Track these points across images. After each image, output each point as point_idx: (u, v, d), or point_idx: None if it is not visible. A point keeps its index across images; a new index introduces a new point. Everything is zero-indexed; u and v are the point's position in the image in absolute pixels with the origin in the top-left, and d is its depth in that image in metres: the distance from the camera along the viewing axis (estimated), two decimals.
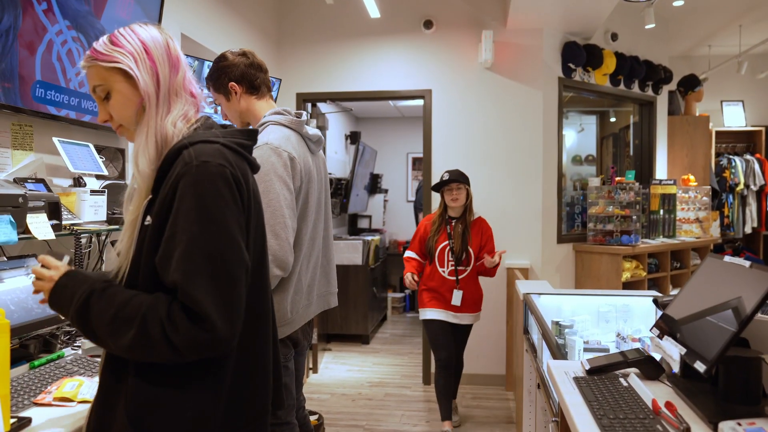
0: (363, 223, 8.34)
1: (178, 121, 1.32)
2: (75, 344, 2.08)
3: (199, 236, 1.17)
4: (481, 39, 4.81)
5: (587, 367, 1.80)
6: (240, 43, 4.31)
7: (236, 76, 2.26)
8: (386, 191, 8.47)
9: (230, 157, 1.27)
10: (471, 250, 3.84)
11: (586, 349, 2.76)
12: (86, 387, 1.64)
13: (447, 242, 3.84)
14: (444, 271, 3.85)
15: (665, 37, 6.18)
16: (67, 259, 1.36)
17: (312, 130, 2.35)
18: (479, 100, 4.99)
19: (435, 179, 5.03)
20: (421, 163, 8.88)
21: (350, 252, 6.36)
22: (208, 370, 1.24)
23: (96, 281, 1.24)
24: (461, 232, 3.83)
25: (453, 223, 3.87)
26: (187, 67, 1.39)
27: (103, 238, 2.65)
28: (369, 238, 6.73)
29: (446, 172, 3.84)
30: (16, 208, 1.81)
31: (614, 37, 5.46)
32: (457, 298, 3.81)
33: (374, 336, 6.74)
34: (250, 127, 2.22)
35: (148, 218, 1.23)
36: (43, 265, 1.30)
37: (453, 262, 3.83)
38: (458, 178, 3.78)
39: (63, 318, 1.29)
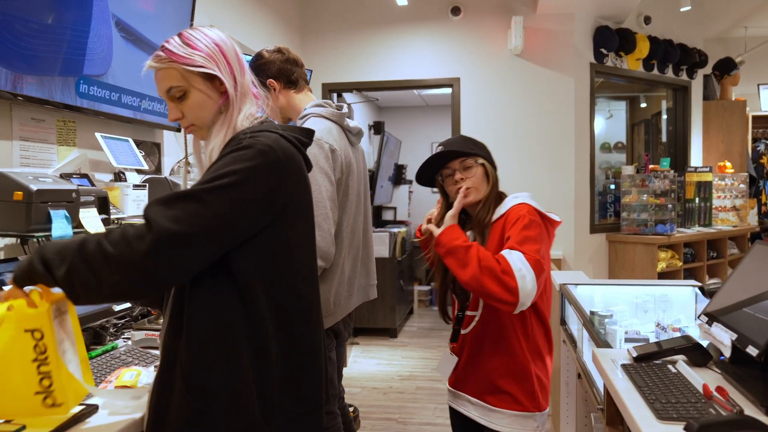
0: (388, 215, 8.41)
1: (244, 122, 1.40)
2: (124, 336, 2.18)
3: (201, 184, 1.23)
4: (511, 25, 4.84)
5: (634, 354, 1.86)
6: (264, 33, 4.41)
7: (273, 72, 2.35)
8: (411, 182, 8.53)
9: (283, 144, 1.33)
10: None
11: (626, 340, 2.82)
12: (144, 376, 1.74)
13: None
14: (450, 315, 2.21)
15: (700, 19, 6.15)
16: None
17: (352, 122, 2.42)
18: (509, 88, 5.03)
19: None
20: None
21: (377, 244, 6.45)
22: (253, 341, 1.30)
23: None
24: (476, 235, 2.01)
25: (468, 233, 2.04)
26: (248, 69, 1.46)
27: None
28: (395, 230, 6.80)
29: (438, 146, 2.08)
30: (69, 203, 1.91)
31: (647, 20, 5.46)
32: (447, 366, 2.13)
33: (402, 329, 6.82)
34: (292, 122, 2.31)
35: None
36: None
37: (458, 301, 2.13)
38: (462, 148, 2.01)
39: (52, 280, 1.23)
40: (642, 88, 7.10)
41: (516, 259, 1.78)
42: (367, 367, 5.42)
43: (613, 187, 6.14)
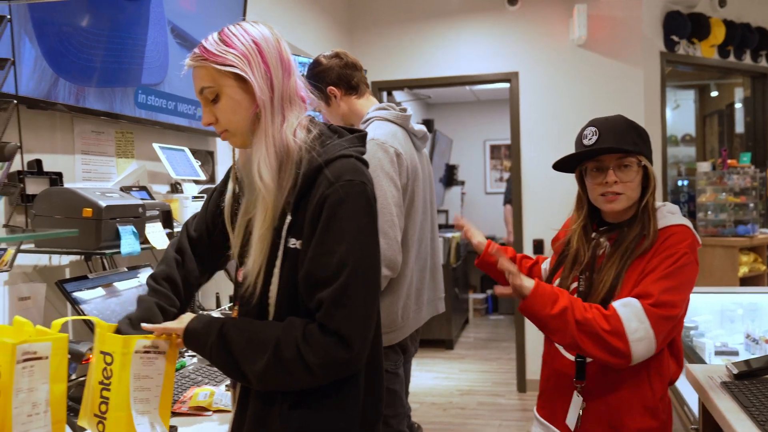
0: (439, 219, 8.40)
1: (297, 130, 1.35)
2: (189, 353, 2.25)
3: (346, 257, 1.26)
4: (573, 14, 4.80)
5: (735, 371, 1.83)
6: (312, 31, 4.47)
7: (333, 79, 2.38)
8: (463, 183, 8.52)
9: (366, 172, 1.36)
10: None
11: (715, 353, 2.77)
12: (218, 396, 1.79)
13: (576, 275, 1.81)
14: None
15: None
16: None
17: (417, 125, 2.45)
18: (572, 81, 4.99)
19: (525, 170, 5.07)
20: (501, 152, 8.91)
21: None
22: (352, 380, 1.36)
23: (225, 317, 1.37)
24: (614, 262, 1.71)
25: (599, 239, 1.80)
26: (297, 69, 1.41)
27: None
28: (449, 235, 6.80)
29: (590, 125, 1.75)
30: (136, 218, 1.98)
31: (722, 3, 5.34)
32: (573, 412, 1.76)
33: (458, 341, 6.82)
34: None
35: (293, 241, 1.32)
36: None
37: None
38: (619, 143, 1.68)
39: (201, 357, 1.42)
40: (713, 75, 6.92)
41: (632, 316, 1.55)
42: (424, 381, 5.44)
43: (685, 183, 6.01)
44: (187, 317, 1.39)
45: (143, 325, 1.38)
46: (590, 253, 1.75)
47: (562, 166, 1.82)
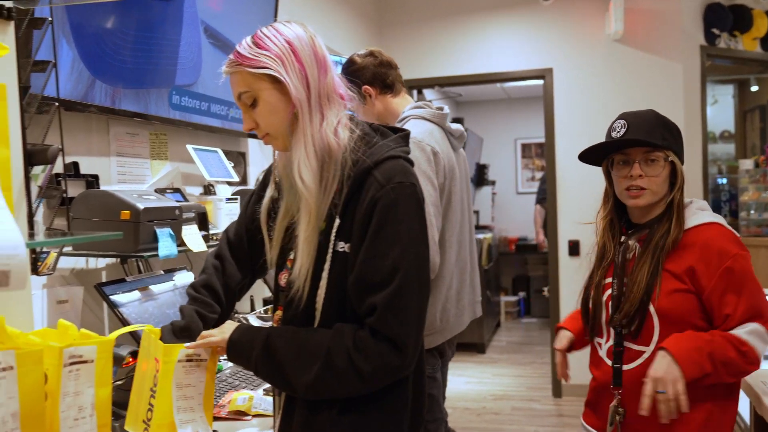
0: None
1: (338, 128, 1.35)
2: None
3: (400, 260, 1.26)
4: (609, 7, 4.75)
5: None
6: (341, 29, 4.48)
7: (368, 78, 2.39)
8: (494, 183, 8.48)
9: (414, 173, 1.37)
10: (652, 308, 1.68)
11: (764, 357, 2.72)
12: (257, 400, 1.80)
13: (611, 280, 1.79)
14: (602, 347, 1.81)
15: None
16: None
17: (454, 125, 2.44)
18: (608, 77, 4.94)
19: (560, 169, 5.02)
20: (532, 151, 8.85)
21: None
22: (401, 386, 1.36)
23: (266, 328, 1.36)
24: (645, 262, 1.70)
25: (627, 242, 1.78)
26: (334, 66, 1.41)
27: None
28: (481, 236, 6.77)
29: (619, 118, 1.77)
30: (173, 220, 2.00)
31: None
32: (611, 420, 1.75)
33: (490, 344, 6.79)
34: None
35: (342, 245, 1.32)
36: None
37: (614, 330, 1.76)
38: (646, 136, 1.68)
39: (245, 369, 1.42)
40: (753, 69, 6.80)
41: (759, 340, 1.58)
42: (456, 385, 5.42)
43: (724, 182, 5.93)
44: (228, 327, 1.38)
45: (186, 345, 1.37)
46: (620, 257, 1.75)
47: (588, 157, 1.82)
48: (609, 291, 1.76)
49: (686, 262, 1.63)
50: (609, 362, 1.73)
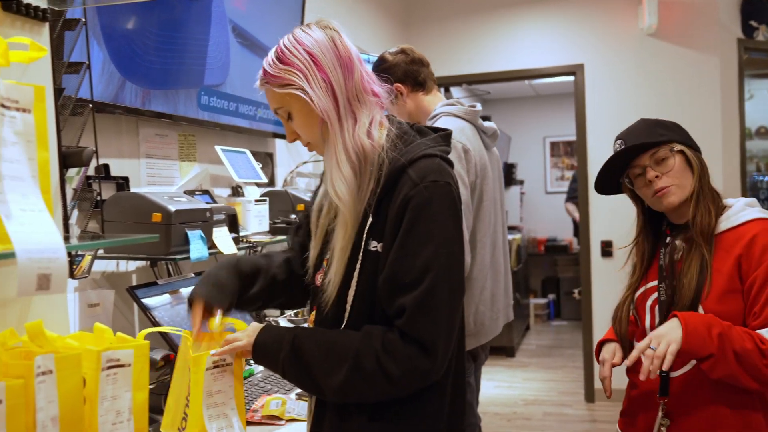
0: None
1: (371, 129, 1.35)
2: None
3: (432, 260, 1.25)
4: (642, 1, 4.70)
5: None
6: (367, 26, 4.49)
7: (399, 75, 2.39)
8: (522, 182, 8.43)
9: (451, 172, 1.35)
10: (701, 309, 1.63)
11: None
12: (290, 405, 1.81)
13: (656, 284, 1.77)
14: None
15: None
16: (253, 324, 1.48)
17: (487, 123, 2.43)
18: (641, 73, 4.89)
19: (592, 167, 4.97)
20: (561, 149, 8.78)
21: None
22: (435, 390, 1.35)
23: (293, 328, 1.36)
24: (693, 258, 1.67)
25: (674, 242, 1.75)
26: (362, 63, 1.40)
27: (260, 249, 2.86)
28: (510, 237, 6.74)
29: (616, 140, 1.79)
30: (204, 222, 2.02)
31: None
32: (655, 430, 1.70)
33: (519, 348, 6.75)
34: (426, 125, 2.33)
35: (374, 244, 1.31)
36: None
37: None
38: (648, 138, 1.71)
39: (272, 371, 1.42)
40: None
41: None
42: (486, 389, 5.39)
43: (764, 179, 5.82)
44: (253, 330, 1.38)
45: (211, 353, 1.37)
46: (667, 258, 1.73)
47: (604, 187, 1.85)
48: (654, 296, 1.73)
49: (733, 259, 1.60)
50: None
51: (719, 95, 4.77)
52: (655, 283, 1.74)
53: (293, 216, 2.68)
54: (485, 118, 2.51)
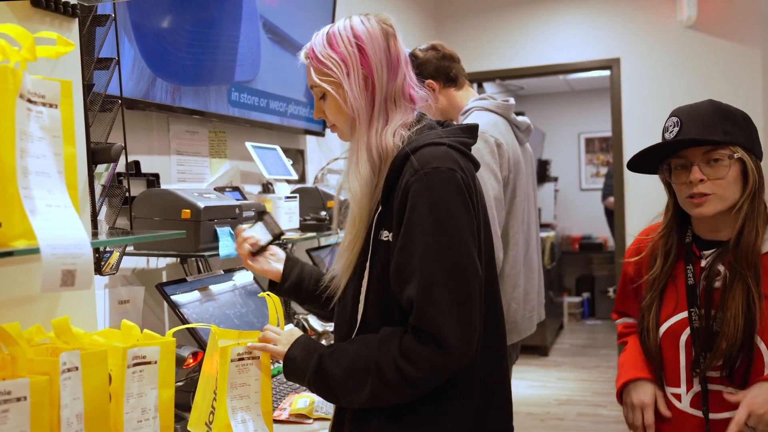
0: None
1: (400, 130, 1.34)
2: None
3: (434, 248, 1.22)
4: None
5: None
6: (398, 21, 4.45)
7: (431, 72, 2.37)
8: (556, 179, 8.33)
9: (459, 160, 1.30)
10: (761, 342, 1.43)
11: None
12: (318, 404, 1.79)
13: (686, 315, 1.51)
14: (681, 399, 1.52)
15: None
16: (290, 327, 1.48)
17: (521, 117, 2.39)
18: (680, 66, 4.78)
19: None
20: (596, 145, 8.65)
21: None
22: (455, 388, 1.31)
23: (322, 345, 1.35)
24: (739, 286, 1.44)
25: (707, 260, 1.52)
26: (408, 66, 1.39)
27: (291, 246, 2.85)
28: (543, 234, 6.67)
29: (672, 116, 1.54)
30: (233, 219, 2.01)
31: None
32: None
33: (553, 347, 6.67)
34: (461, 122, 2.30)
35: (385, 234, 1.29)
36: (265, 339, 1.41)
37: (700, 372, 1.48)
38: (702, 133, 1.45)
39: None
40: None
41: None
42: (518, 389, 5.33)
43: None
44: (288, 337, 1.38)
45: (248, 345, 1.39)
46: (703, 285, 1.48)
47: (640, 165, 1.59)
48: (687, 330, 1.48)
49: None
50: (697, 413, 1.47)
51: (761, 89, 4.64)
52: (684, 314, 1.49)
53: (323, 213, 2.66)
54: (518, 114, 2.47)
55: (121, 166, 1.81)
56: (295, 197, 2.57)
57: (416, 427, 1.30)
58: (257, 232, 1.55)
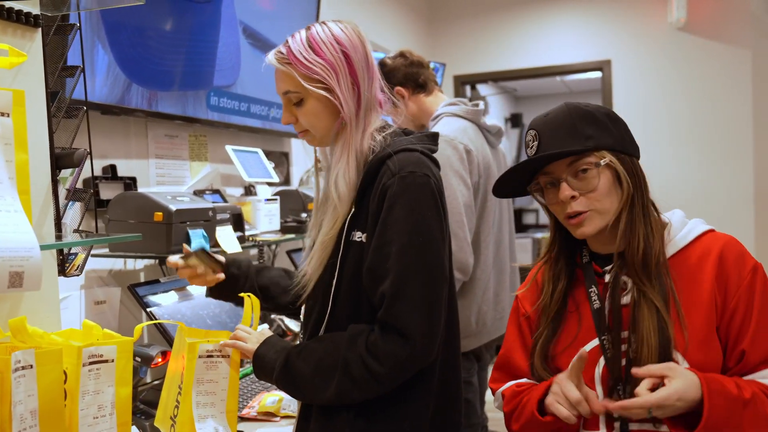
0: (529, 219, 8.28)
1: (374, 134, 1.38)
2: None
3: (409, 248, 1.26)
4: None
5: None
6: (389, 24, 4.49)
7: (399, 79, 2.40)
8: None
9: (431, 166, 1.36)
10: (681, 358, 1.20)
11: None
12: (286, 402, 1.83)
13: (597, 343, 1.27)
14: None
15: None
16: (263, 327, 1.51)
17: (490, 120, 2.42)
18: (670, 68, 4.80)
19: None
20: None
21: (518, 252, 6.36)
22: (419, 384, 1.35)
23: (291, 344, 1.38)
24: (651, 305, 1.22)
25: (610, 275, 1.30)
26: (378, 70, 1.42)
27: (274, 248, 2.90)
28: (538, 235, 6.69)
29: (529, 128, 1.34)
30: (206, 221, 2.05)
31: None
32: None
33: None
34: (426, 129, 2.33)
35: (358, 234, 1.33)
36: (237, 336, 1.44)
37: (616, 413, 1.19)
38: (560, 144, 1.27)
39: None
40: None
41: None
42: None
43: None
44: (258, 337, 1.41)
45: (223, 343, 1.43)
46: (610, 305, 1.26)
47: (507, 190, 1.40)
48: (601, 361, 1.24)
49: (706, 286, 1.22)
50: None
51: (750, 90, 4.65)
52: (595, 342, 1.26)
53: (304, 215, 2.70)
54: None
55: (90, 171, 1.85)
56: (276, 199, 2.61)
57: (382, 422, 1.33)
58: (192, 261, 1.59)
